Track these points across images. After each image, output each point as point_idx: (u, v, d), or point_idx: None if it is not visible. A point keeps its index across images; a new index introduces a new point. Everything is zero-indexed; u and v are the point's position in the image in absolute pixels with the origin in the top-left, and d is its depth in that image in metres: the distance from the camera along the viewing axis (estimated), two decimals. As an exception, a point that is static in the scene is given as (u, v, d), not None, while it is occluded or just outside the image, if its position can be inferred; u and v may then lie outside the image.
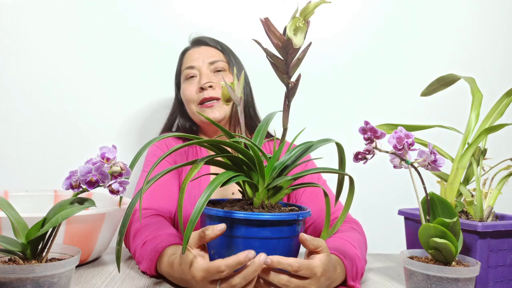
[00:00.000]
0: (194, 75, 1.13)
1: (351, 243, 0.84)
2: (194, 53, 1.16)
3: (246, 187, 0.76)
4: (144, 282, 0.81)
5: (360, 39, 1.51)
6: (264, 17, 0.68)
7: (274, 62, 0.71)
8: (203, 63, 1.13)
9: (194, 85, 1.12)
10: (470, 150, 0.85)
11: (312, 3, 0.65)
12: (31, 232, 0.59)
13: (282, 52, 0.70)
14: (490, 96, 0.99)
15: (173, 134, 0.73)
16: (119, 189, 0.60)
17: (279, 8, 1.43)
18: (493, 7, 1.56)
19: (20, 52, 1.37)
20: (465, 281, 0.66)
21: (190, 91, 1.12)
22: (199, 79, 1.12)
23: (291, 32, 0.66)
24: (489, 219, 0.84)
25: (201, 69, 1.12)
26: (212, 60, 1.13)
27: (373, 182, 1.44)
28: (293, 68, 0.72)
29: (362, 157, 0.73)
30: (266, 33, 0.68)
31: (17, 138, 1.36)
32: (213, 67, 1.13)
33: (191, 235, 0.67)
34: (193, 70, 1.13)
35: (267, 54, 0.71)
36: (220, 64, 1.13)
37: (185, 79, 1.15)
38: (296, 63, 0.71)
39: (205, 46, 1.17)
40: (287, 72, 0.72)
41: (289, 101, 0.75)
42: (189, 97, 1.12)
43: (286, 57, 0.70)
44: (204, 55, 1.14)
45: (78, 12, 1.39)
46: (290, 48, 0.68)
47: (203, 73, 1.12)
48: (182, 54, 1.20)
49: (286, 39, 0.67)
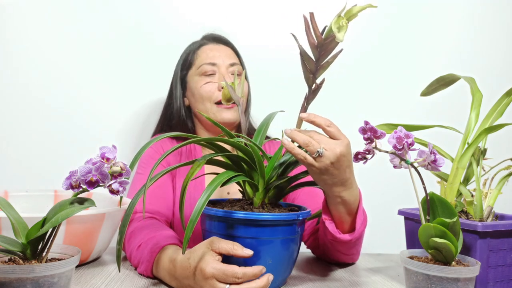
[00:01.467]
0: (213, 73, 1.12)
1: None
2: (214, 49, 1.15)
3: (246, 187, 0.76)
4: (144, 282, 0.81)
5: (360, 40, 1.50)
6: (309, 12, 0.68)
7: (305, 60, 0.72)
8: (223, 63, 1.12)
9: (214, 83, 1.11)
10: (470, 150, 0.85)
11: (357, 7, 0.67)
12: (31, 232, 0.59)
13: (315, 51, 0.70)
14: (490, 96, 0.99)
15: (173, 134, 0.72)
16: (119, 189, 0.60)
17: (280, 7, 1.43)
18: (493, 7, 1.56)
19: (20, 52, 1.37)
20: (465, 281, 0.66)
21: (209, 89, 1.10)
22: (218, 77, 1.11)
23: (335, 28, 0.67)
24: (489, 219, 0.84)
25: (221, 68, 1.12)
26: (232, 62, 1.13)
27: (373, 182, 1.44)
28: (321, 70, 0.73)
29: (362, 157, 0.73)
30: (305, 29, 0.69)
31: (17, 138, 1.36)
32: (231, 69, 1.13)
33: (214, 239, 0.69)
34: (213, 67, 1.12)
35: (300, 51, 0.71)
36: (238, 68, 1.14)
37: (202, 74, 1.12)
38: (325, 65, 0.72)
39: (224, 46, 1.17)
40: (315, 73, 0.72)
41: (308, 103, 0.76)
42: (207, 95, 1.10)
43: (318, 57, 0.70)
44: (225, 54, 1.14)
45: (79, 12, 1.39)
46: (324, 48, 0.69)
47: (224, 73, 1.11)
48: (197, 47, 1.17)
49: (323, 39, 0.68)
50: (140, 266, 0.82)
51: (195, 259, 0.68)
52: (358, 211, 0.79)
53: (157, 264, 0.79)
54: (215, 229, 0.73)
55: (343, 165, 0.70)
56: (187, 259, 0.71)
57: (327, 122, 0.71)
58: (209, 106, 1.10)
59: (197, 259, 0.68)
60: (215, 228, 0.73)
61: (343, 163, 0.70)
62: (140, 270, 0.83)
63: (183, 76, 1.18)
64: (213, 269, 0.65)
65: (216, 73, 1.11)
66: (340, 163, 0.70)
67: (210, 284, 0.66)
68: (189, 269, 0.69)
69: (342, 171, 0.71)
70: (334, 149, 0.69)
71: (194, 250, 0.71)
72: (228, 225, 0.71)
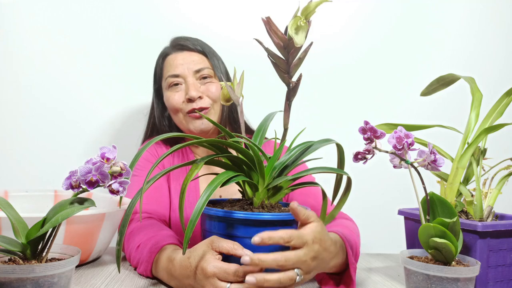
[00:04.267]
0: (178, 83, 1.08)
1: (348, 227, 0.86)
2: (177, 59, 1.09)
3: (246, 187, 0.76)
4: (144, 282, 0.81)
5: (360, 39, 1.51)
6: (266, 16, 0.68)
7: (275, 61, 0.71)
8: (188, 71, 1.07)
9: (180, 94, 1.07)
10: (470, 150, 0.85)
11: (313, 2, 0.65)
12: (31, 232, 0.59)
13: (283, 51, 0.70)
14: (490, 96, 0.99)
15: (173, 135, 0.72)
16: (119, 189, 0.60)
17: (280, 7, 1.43)
18: (493, 7, 1.56)
19: (20, 52, 1.37)
20: (465, 281, 0.66)
21: (177, 101, 1.07)
22: (186, 88, 1.07)
23: (292, 31, 0.66)
24: (489, 219, 0.84)
25: (186, 78, 1.07)
26: (197, 68, 1.08)
27: (373, 182, 1.44)
28: (294, 67, 0.72)
29: (362, 157, 0.73)
30: (267, 32, 0.68)
31: (17, 138, 1.36)
32: (199, 75, 1.08)
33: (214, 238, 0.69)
34: (177, 78, 1.08)
35: (268, 54, 0.70)
36: (206, 72, 1.08)
37: (169, 86, 1.09)
38: (297, 62, 0.71)
39: (187, 51, 1.11)
40: (288, 72, 0.72)
41: (290, 101, 0.75)
42: (176, 106, 1.07)
43: (288, 56, 0.70)
44: (188, 61, 1.08)
45: (79, 12, 1.39)
46: (291, 47, 0.68)
47: (190, 83, 1.06)
48: (162, 58, 1.13)
49: (287, 39, 0.67)
50: (140, 266, 0.83)
51: (196, 258, 0.68)
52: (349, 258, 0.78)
53: (156, 264, 0.79)
54: (215, 229, 0.73)
55: (321, 256, 0.69)
56: (187, 259, 0.71)
57: (285, 237, 0.65)
58: (182, 117, 1.09)
59: (197, 258, 0.68)
60: (215, 228, 0.73)
61: (321, 255, 0.69)
62: (139, 270, 0.83)
63: (157, 88, 1.16)
64: (214, 268, 0.65)
65: (182, 83, 1.08)
66: (318, 260, 0.69)
67: (212, 283, 0.66)
68: (190, 269, 0.69)
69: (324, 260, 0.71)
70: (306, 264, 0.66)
71: (194, 250, 0.71)
72: (228, 225, 0.71)
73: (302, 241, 0.65)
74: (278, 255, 0.64)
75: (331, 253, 0.72)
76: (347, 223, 0.91)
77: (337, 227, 0.84)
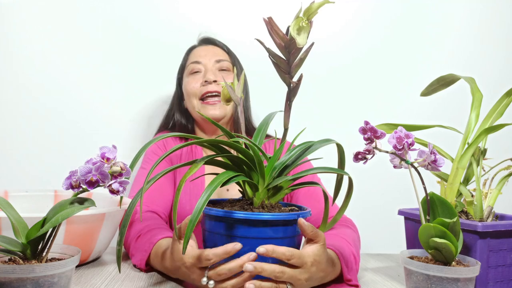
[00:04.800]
0: (199, 70, 1.15)
1: (347, 240, 0.85)
2: (202, 50, 1.19)
3: (246, 187, 0.76)
4: (144, 282, 0.81)
5: (360, 39, 1.51)
6: (268, 17, 0.68)
7: (276, 61, 0.71)
8: (209, 60, 1.15)
9: (198, 80, 1.14)
10: (470, 150, 0.85)
11: (315, 3, 0.65)
12: (31, 232, 0.59)
13: (284, 52, 0.70)
14: (490, 96, 0.99)
15: (173, 134, 0.73)
16: (119, 189, 0.60)
17: (282, 8, 1.43)
18: (493, 7, 1.56)
19: (20, 52, 1.37)
20: (465, 281, 0.66)
21: (194, 85, 1.14)
22: (204, 73, 1.14)
23: (294, 31, 0.66)
24: (489, 219, 0.84)
25: (207, 65, 1.15)
26: (218, 59, 1.16)
27: (373, 182, 1.44)
28: (295, 68, 0.72)
29: (362, 157, 0.73)
30: (269, 32, 0.68)
31: (17, 138, 1.36)
32: (218, 65, 1.15)
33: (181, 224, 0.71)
34: (198, 65, 1.16)
35: (269, 54, 0.70)
36: (225, 64, 1.16)
37: (189, 73, 1.16)
38: (298, 63, 0.71)
39: (212, 46, 1.21)
40: (289, 72, 0.72)
41: (290, 101, 0.75)
42: (192, 91, 1.14)
43: (289, 57, 0.70)
44: (212, 53, 1.17)
45: (79, 12, 1.39)
46: (292, 47, 0.68)
47: (209, 69, 1.14)
48: (189, 51, 1.23)
49: (289, 39, 0.67)
50: (136, 256, 0.86)
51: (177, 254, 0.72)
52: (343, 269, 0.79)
53: (152, 256, 0.83)
54: (215, 229, 0.73)
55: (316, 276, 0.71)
56: (171, 254, 0.75)
57: (287, 254, 0.67)
58: (195, 103, 1.14)
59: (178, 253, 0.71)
60: (215, 228, 0.73)
61: (315, 276, 0.71)
62: (135, 260, 0.86)
63: (179, 79, 1.23)
64: (191, 258, 0.69)
65: (202, 71, 1.15)
66: (312, 280, 0.71)
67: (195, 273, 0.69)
68: (174, 263, 0.74)
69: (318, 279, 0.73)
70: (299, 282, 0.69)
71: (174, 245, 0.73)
72: (228, 225, 0.71)
73: (301, 262, 0.68)
74: (277, 267, 0.67)
75: (327, 273, 0.75)
76: (347, 233, 0.90)
77: (336, 240, 0.84)
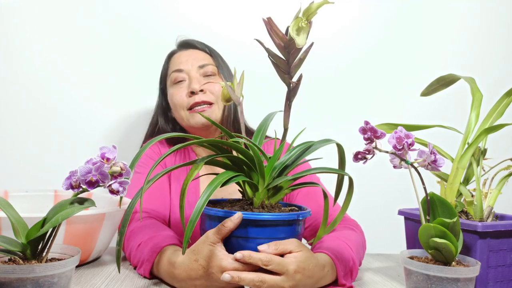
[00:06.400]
0: (182, 79, 1.08)
1: (347, 244, 0.83)
2: (182, 56, 1.11)
3: (246, 187, 0.76)
4: (144, 282, 0.81)
5: (360, 40, 1.51)
6: (267, 17, 0.68)
7: (276, 62, 0.71)
8: (192, 67, 1.08)
9: (183, 90, 1.07)
10: (470, 150, 0.85)
11: (315, 4, 0.65)
12: (31, 232, 0.59)
13: (284, 52, 0.70)
14: (490, 96, 0.99)
15: (173, 135, 0.72)
16: (119, 189, 0.60)
17: (281, 8, 1.43)
18: (493, 7, 1.56)
19: (20, 52, 1.37)
20: (465, 281, 0.66)
21: (180, 96, 1.07)
22: (188, 83, 1.07)
23: (293, 32, 0.66)
24: (489, 219, 0.84)
25: (190, 72, 1.08)
26: (201, 64, 1.09)
27: (373, 182, 1.44)
28: (295, 68, 0.72)
29: (362, 157, 0.73)
30: (268, 33, 0.68)
31: (17, 138, 1.36)
32: (202, 71, 1.08)
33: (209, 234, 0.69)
34: (181, 73, 1.08)
35: (269, 54, 0.70)
36: (210, 68, 1.09)
37: (173, 83, 1.10)
38: (297, 63, 0.71)
39: (193, 49, 1.13)
40: (289, 72, 0.72)
41: (290, 101, 0.75)
42: (179, 103, 1.07)
43: (288, 57, 0.70)
44: (193, 58, 1.10)
45: (79, 12, 1.39)
46: (292, 48, 0.68)
47: (193, 77, 1.07)
48: (168, 57, 1.16)
49: (288, 39, 0.67)
50: (140, 266, 0.82)
51: (205, 259, 0.69)
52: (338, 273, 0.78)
53: (157, 265, 0.79)
54: (215, 229, 0.73)
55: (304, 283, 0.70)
56: (194, 261, 0.70)
57: (264, 260, 0.66)
58: (183, 114, 1.08)
59: (207, 259, 0.68)
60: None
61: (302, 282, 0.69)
62: (139, 271, 0.83)
63: (162, 88, 1.17)
64: (233, 263, 0.67)
65: (186, 79, 1.08)
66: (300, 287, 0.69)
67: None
68: (202, 270, 0.69)
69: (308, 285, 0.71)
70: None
71: (197, 251, 0.70)
72: (228, 225, 0.71)
73: (281, 269, 0.67)
74: (255, 276, 0.66)
75: (317, 278, 0.73)
76: (349, 235, 0.87)
77: (335, 243, 0.82)
